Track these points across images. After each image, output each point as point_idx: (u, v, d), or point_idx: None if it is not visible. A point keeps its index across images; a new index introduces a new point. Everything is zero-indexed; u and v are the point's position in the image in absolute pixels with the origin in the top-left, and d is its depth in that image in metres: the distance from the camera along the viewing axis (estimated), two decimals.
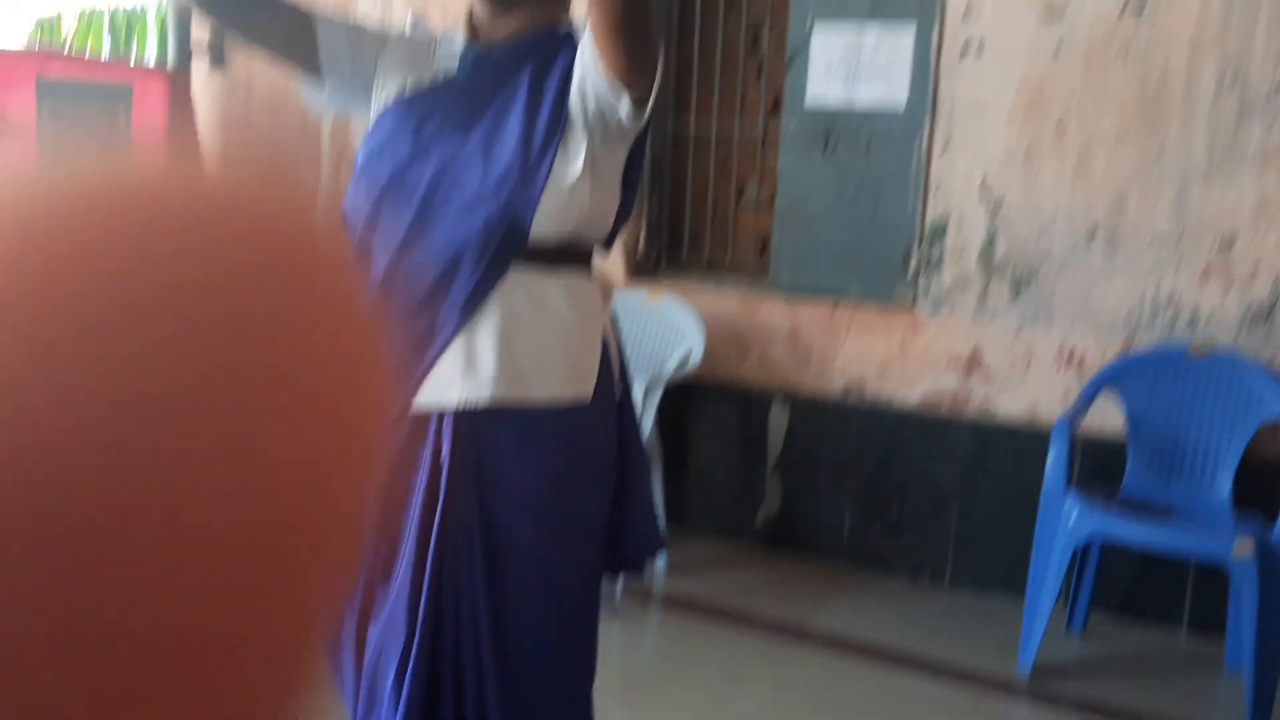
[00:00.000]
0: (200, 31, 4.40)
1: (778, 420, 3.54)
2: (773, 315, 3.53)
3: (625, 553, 1.59)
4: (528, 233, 1.40)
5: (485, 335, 1.40)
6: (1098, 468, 3.11)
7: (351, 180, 1.52)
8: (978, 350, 3.27)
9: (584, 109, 1.41)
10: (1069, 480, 2.82)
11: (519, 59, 1.46)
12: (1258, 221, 2.91)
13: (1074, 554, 2.74)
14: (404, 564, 1.43)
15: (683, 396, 3.59)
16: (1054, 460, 2.79)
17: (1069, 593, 3.06)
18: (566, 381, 1.45)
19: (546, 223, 1.41)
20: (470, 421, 1.41)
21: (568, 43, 1.47)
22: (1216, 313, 2.98)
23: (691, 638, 2.95)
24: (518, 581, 1.43)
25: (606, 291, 1.58)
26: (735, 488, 3.62)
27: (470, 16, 1.52)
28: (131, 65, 4.56)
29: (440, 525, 1.41)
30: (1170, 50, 2.96)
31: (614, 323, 1.59)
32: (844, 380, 3.46)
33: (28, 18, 5.39)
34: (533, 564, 1.44)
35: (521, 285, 1.43)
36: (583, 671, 1.55)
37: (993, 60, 3.14)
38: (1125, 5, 2.99)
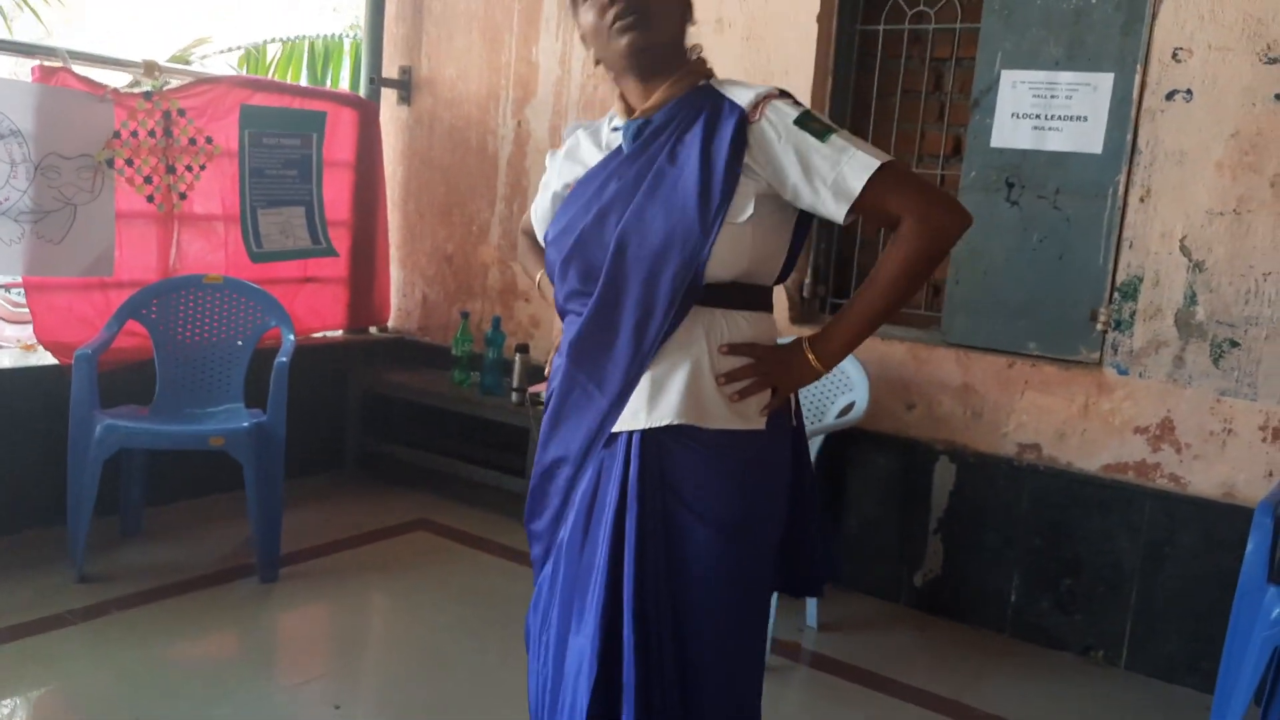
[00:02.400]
0: (390, 65, 4.58)
1: (943, 477, 3.38)
2: (943, 366, 3.37)
3: (803, 573, 1.76)
4: (704, 274, 1.52)
5: (668, 372, 1.55)
6: None
7: (546, 248, 1.70)
8: (1170, 418, 3.02)
9: (784, 195, 1.56)
10: (1272, 569, 2.56)
11: (678, 121, 1.58)
12: None
13: (1273, 653, 2.48)
14: (599, 568, 1.57)
15: (843, 445, 3.48)
16: (1254, 549, 2.53)
17: (1265, 692, 2.77)
18: (739, 415, 1.58)
19: (720, 261, 1.52)
20: (656, 440, 1.55)
21: (724, 104, 1.57)
22: None
23: (840, 700, 2.83)
24: (696, 582, 1.55)
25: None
26: (894, 545, 3.47)
27: (622, 98, 1.68)
28: (328, 92, 4.80)
29: (635, 531, 1.53)
30: None
31: None
32: (1018, 440, 3.26)
33: (237, 47, 5.78)
34: (709, 567, 1.55)
35: (700, 323, 1.56)
36: (753, 677, 1.66)
37: (1202, 107, 2.91)
38: None
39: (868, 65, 3.62)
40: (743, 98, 1.56)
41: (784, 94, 1.58)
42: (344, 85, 5.66)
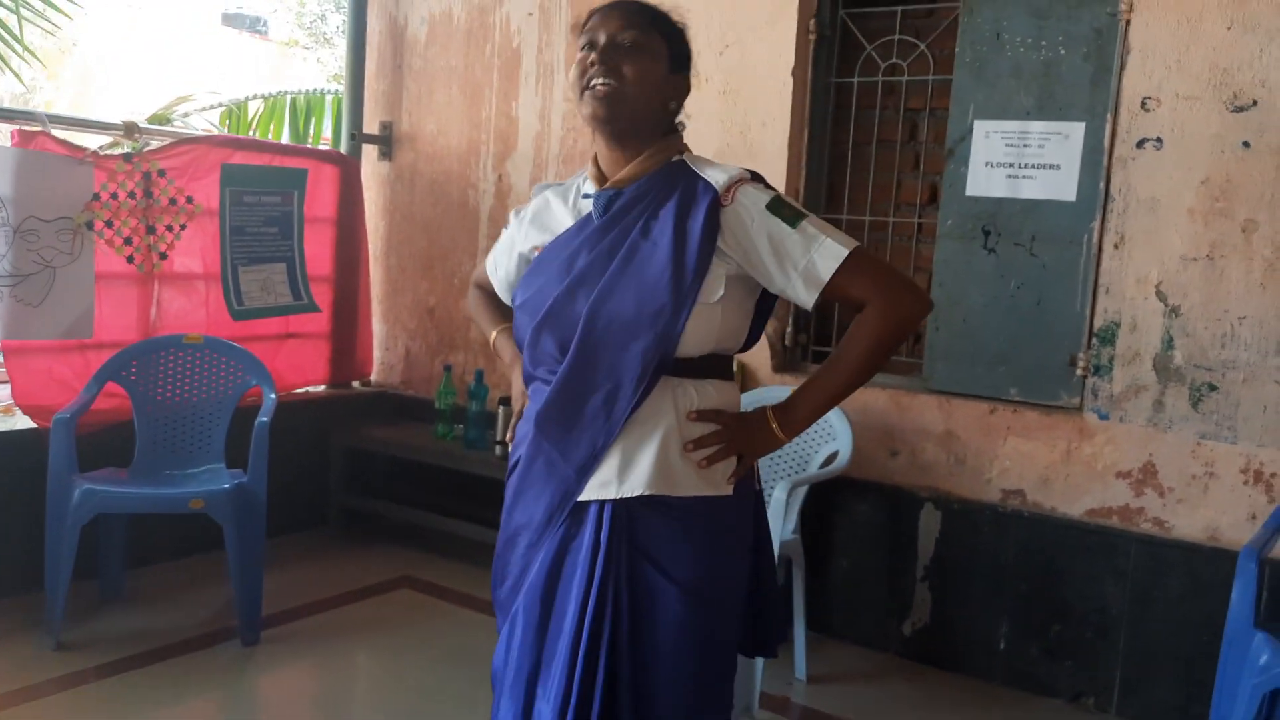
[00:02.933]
0: (371, 121, 4.61)
1: (928, 525, 3.37)
2: (925, 414, 3.38)
3: (758, 635, 1.75)
4: (675, 350, 1.56)
5: (638, 442, 1.57)
6: None
7: (516, 311, 1.71)
8: (1151, 462, 3.03)
9: (755, 277, 1.60)
10: (1258, 614, 2.55)
11: (649, 197, 1.62)
12: None
13: (1262, 699, 2.47)
14: (565, 634, 1.56)
15: (827, 493, 3.47)
16: (1240, 594, 2.53)
17: None
18: (708, 482, 1.60)
19: (692, 339, 1.57)
20: (627, 508, 1.56)
21: (698, 183, 1.61)
22: None
23: None
24: (663, 643, 1.55)
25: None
26: (881, 594, 3.45)
27: (596, 161, 1.70)
28: (309, 149, 4.82)
29: (598, 594, 1.54)
30: None
31: None
32: (1002, 486, 3.26)
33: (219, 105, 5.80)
34: (676, 628, 1.55)
35: (670, 394, 1.58)
36: None
37: (1172, 155, 2.95)
38: None
39: (843, 116, 3.67)
40: (716, 179, 1.60)
41: (755, 177, 1.63)
42: (327, 139, 5.69)
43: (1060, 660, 3.17)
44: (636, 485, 1.55)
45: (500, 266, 1.87)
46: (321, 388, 4.49)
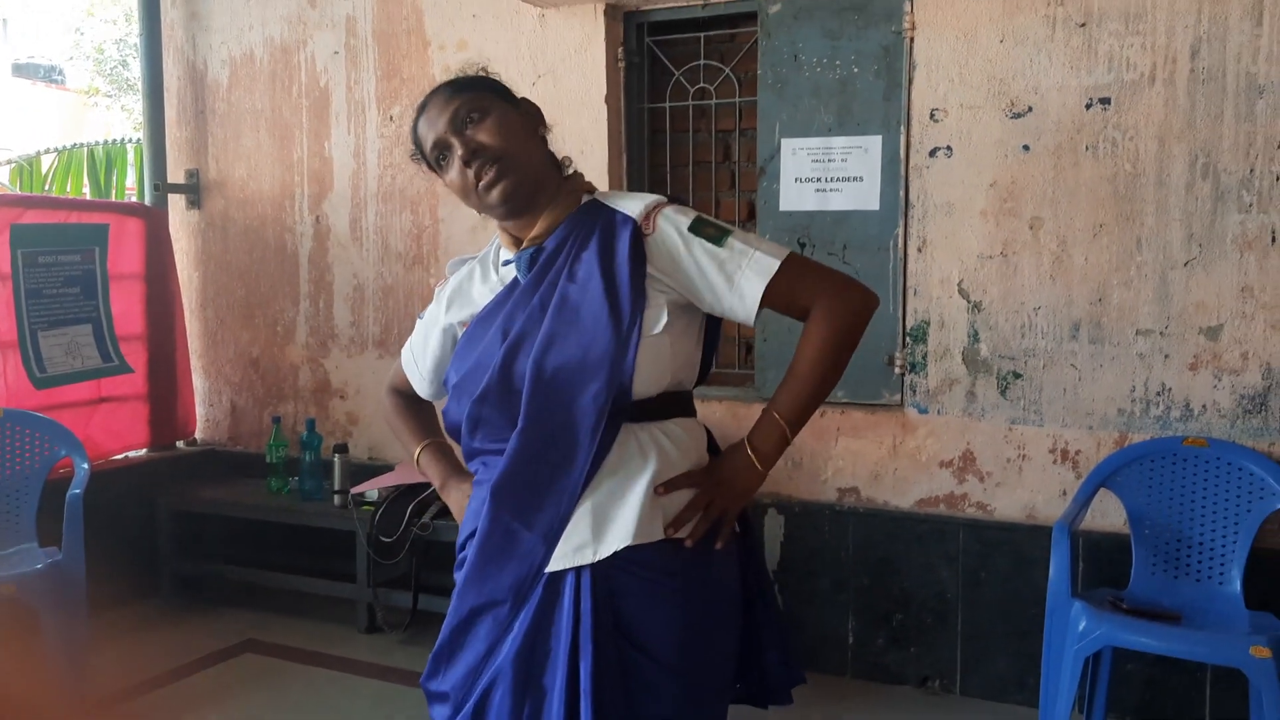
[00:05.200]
0: (176, 169, 4.42)
1: (773, 529, 3.46)
2: None
3: (766, 682, 1.66)
4: (630, 392, 1.48)
5: (609, 498, 1.48)
6: (1103, 565, 3.02)
7: (451, 395, 1.61)
8: (970, 450, 3.21)
9: (691, 300, 1.55)
10: (1075, 583, 2.73)
11: (570, 241, 1.56)
12: (1242, 308, 2.88)
13: (1086, 660, 2.64)
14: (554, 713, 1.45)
15: None
16: (1056, 567, 2.70)
17: (1084, 699, 2.95)
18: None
19: (645, 377, 1.50)
20: (606, 575, 1.46)
21: (615, 216, 1.57)
22: (1210, 403, 2.93)
23: None
24: None
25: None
26: None
27: (504, 229, 1.64)
28: (109, 203, 4.59)
29: (592, 683, 1.43)
30: (1140, 142, 2.97)
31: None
32: (837, 485, 3.39)
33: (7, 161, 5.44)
34: (671, 710, 1.48)
35: (634, 440, 1.51)
36: None
37: (961, 161, 3.15)
38: (1091, 99, 3.00)
39: (659, 140, 3.75)
40: (632, 209, 1.56)
41: (672, 200, 1.59)
42: (132, 189, 5.42)
43: (905, 648, 3.30)
44: (614, 543, 1.46)
45: (424, 354, 1.76)
46: (143, 451, 4.26)
